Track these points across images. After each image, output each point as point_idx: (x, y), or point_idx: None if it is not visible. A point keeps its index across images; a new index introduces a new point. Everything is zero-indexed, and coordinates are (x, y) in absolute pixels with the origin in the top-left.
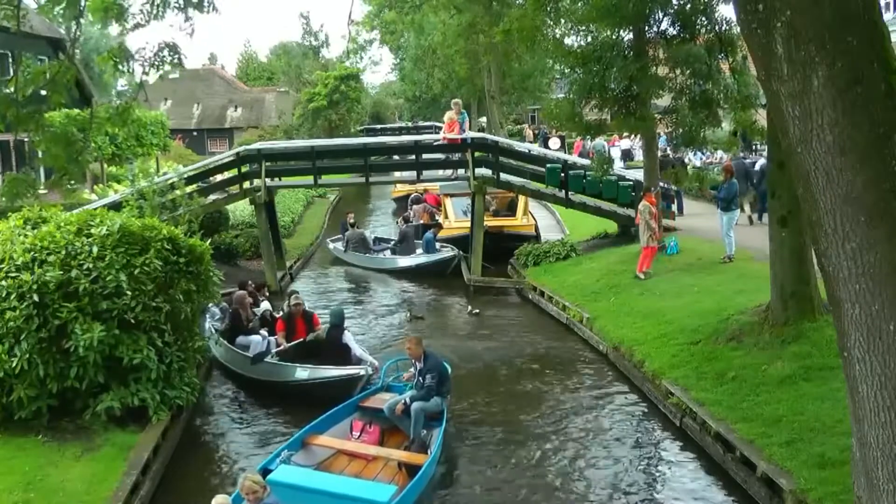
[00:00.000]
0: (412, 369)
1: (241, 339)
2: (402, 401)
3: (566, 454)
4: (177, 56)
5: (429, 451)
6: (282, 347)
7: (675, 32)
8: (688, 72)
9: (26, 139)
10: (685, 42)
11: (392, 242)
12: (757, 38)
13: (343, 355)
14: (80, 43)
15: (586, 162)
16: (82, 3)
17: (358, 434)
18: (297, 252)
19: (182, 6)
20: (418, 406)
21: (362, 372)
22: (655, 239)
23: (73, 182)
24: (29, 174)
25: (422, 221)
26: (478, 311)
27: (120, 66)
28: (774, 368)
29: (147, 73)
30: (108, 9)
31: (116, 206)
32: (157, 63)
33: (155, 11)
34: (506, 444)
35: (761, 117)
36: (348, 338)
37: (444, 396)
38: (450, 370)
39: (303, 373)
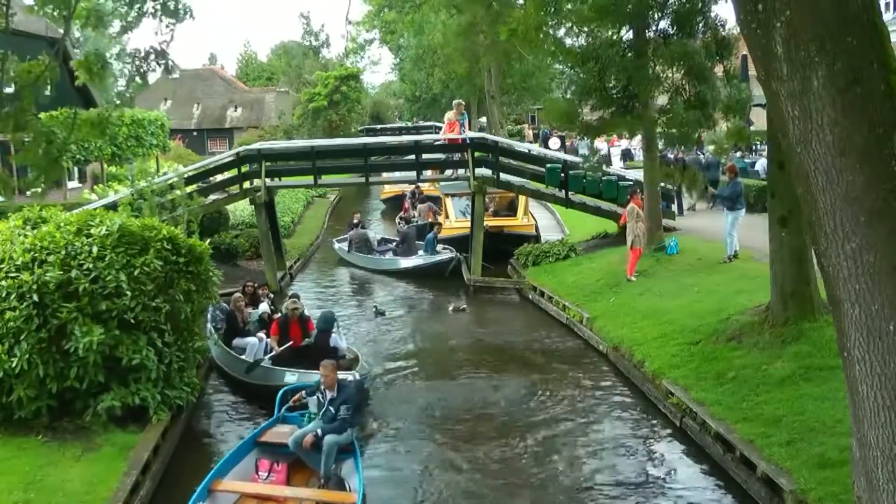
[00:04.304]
0: (317, 396)
1: (237, 342)
2: (313, 433)
3: (565, 454)
4: (164, 62)
5: (349, 488)
6: (274, 352)
7: (672, 32)
8: (683, 70)
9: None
10: (682, 41)
11: (394, 243)
12: (757, 38)
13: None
14: (80, 42)
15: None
16: (73, 3)
17: (266, 474)
18: (297, 252)
19: (157, 14)
20: (332, 440)
21: (350, 377)
22: (641, 242)
23: (44, 184)
24: (3, 172)
25: (428, 220)
26: (464, 307)
27: (94, 73)
28: (774, 368)
29: (135, 81)
30: (88, 16)
31: (113, 208)
32: (143, 69)
33: (132, 18)
34: (503, 444)
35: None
36: (335, 340)
37: (355, 427)
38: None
39: (291, 377)
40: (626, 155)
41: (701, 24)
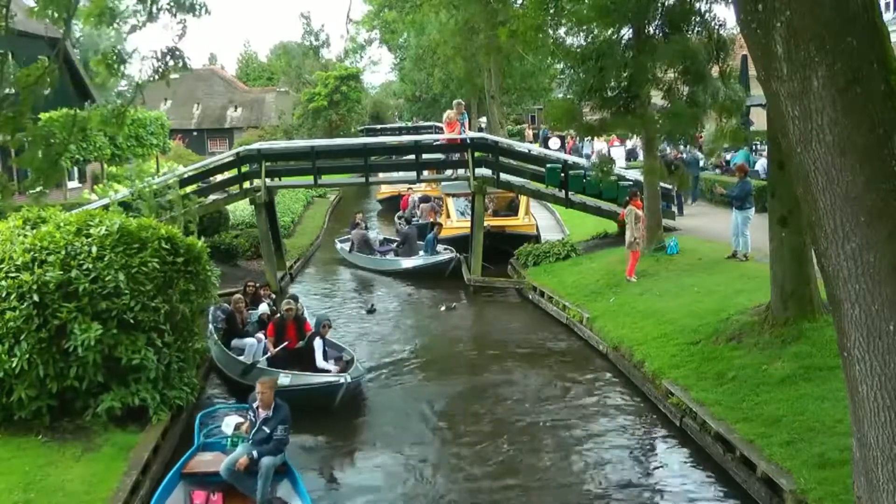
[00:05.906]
0: (250, 418)
1: (235, 342)
2: (247, 455)
3: (564, 454)
4: (181, 60)
5: None
6: (269, 353)
7: (668, 31)
8: (679, 69)
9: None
10: (682, 39)
11: (395, 244)
12: (757, 38)
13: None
14: (80, 43)
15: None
16: (73, 5)
17: None
18: (297, 252)
19: (173, 10)
20: (269, 462)
21: (342, 380)
22: (639, 244)
23: (44, 187)
24: (2, 176)
25: (429, 220)
26: (454, 305)
27: (113, 70)
28: (774, 368)
29: (152, 79)
30: (101, 14)
31: (107, 208)
32: (160, 68)
33: (147, 16)
34: (502, 444)
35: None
36: (317, 344)
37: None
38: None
39: (285, 379)
40: (631, 154)
41: (697, 25)
